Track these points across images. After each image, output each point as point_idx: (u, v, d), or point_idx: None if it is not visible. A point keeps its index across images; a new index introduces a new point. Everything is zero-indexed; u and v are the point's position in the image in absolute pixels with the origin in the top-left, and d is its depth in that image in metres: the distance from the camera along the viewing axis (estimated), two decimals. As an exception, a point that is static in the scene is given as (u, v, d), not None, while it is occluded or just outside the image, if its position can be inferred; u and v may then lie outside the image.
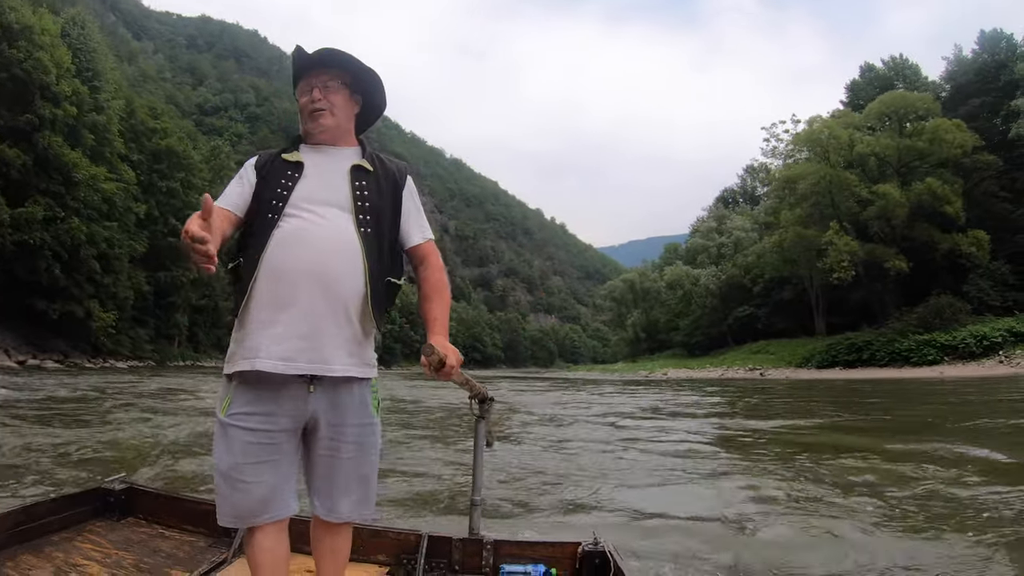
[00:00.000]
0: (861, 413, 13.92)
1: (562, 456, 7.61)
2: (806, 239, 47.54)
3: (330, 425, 1.81)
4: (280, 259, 1.75)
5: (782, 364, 49.69)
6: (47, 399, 13.25)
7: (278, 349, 1.71)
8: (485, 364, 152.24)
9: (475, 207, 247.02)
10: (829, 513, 4.80)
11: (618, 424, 11.62)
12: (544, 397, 21.27)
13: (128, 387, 18.73)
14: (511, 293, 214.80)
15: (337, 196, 1.86)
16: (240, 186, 1.89)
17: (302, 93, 1.96)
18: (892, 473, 6.26)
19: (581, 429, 10.85)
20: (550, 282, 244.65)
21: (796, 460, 7.28)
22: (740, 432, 10.58)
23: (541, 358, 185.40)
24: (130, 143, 50.45)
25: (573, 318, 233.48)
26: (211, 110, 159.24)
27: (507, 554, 2.54)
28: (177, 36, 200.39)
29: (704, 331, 71.75)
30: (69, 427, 8.70)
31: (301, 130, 1.99)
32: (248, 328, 1.76)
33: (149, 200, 49.69)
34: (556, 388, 28.60)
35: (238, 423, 1.73)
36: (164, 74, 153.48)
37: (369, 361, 1.89)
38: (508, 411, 12.55)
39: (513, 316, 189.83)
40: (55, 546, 2.51)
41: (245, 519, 1.74)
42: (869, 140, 47.37)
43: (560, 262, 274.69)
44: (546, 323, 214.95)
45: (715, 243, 70.91)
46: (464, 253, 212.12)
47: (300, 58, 1.96)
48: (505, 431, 9.93)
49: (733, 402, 18.86)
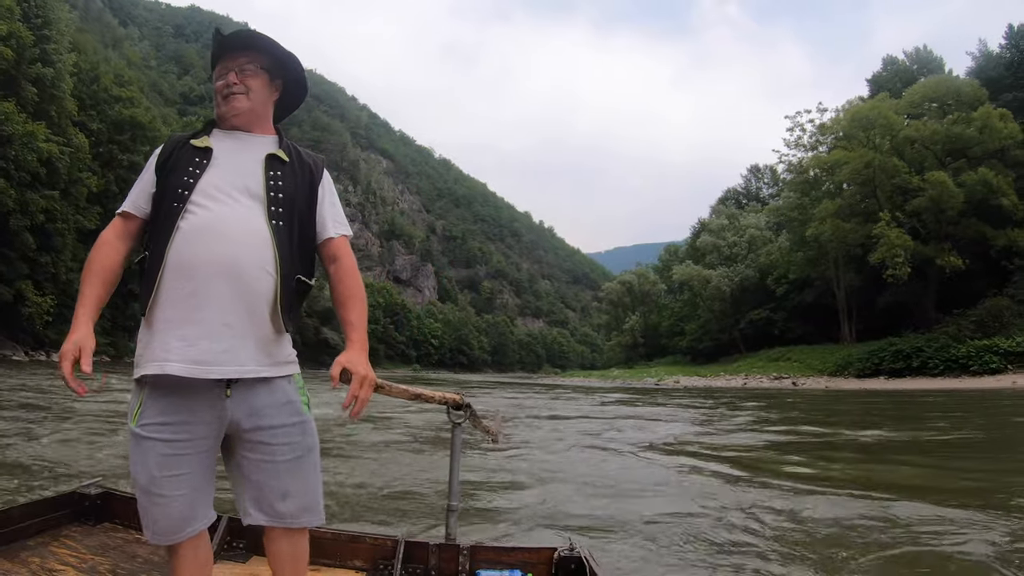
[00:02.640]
0: (967, 429, 12.11)
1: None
2: (843, 233, 42.87)
3: (257, 429, 1.70)
4: (187, 253, 1.63)
5: (811, 372, 45.05)
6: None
7: (190, 351, 1.60)
8: (471, 368, 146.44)
9: (463, 207, 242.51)
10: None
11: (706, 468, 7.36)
12: (553, 408, 17.84)
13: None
14: (499, 296, 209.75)
15: (248, 184, 1.75)
16: (141, 183, 1.79)
17: (218, 76, 1.85)
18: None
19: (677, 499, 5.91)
20: (538, 285, 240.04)
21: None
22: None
23: (529, 362, 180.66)
24: (89, 110, 45.40)
25: (561, 322, 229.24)
26: (196, 99, 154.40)
27: (483, 559, 2.52)
28: (165, 24, 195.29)
29: (713, 336, 66.87)
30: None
31: (215, 114, 1.88)
32: (155, 328, 1.63)
33: (107, 174, 44.21)
34: (559, 398, 24.55)
35: (151, 434, 1.61)
36: (150, 62, 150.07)
37: (287, 358, 1.77)
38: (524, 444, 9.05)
39: (501, 319, 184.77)
40: (31, 551, 2.44)
41: (166, 536, 1.64)
42: (916, 124, 42.86)
43: (548, 266, 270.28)
44: (534, 327, 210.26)
45: (726, 242, 65.92)
46: (451, 254, 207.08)
47: (218, 40, 1.87)
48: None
49: (807, 417, 15.86)
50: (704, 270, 64.91)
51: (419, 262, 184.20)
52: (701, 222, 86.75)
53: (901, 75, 58.42)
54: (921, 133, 42.63)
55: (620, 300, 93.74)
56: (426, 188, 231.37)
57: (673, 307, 77.49)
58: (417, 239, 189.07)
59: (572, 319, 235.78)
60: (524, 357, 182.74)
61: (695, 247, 73.77)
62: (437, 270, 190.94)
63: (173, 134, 1.89)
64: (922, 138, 42.97)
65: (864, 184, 42.80)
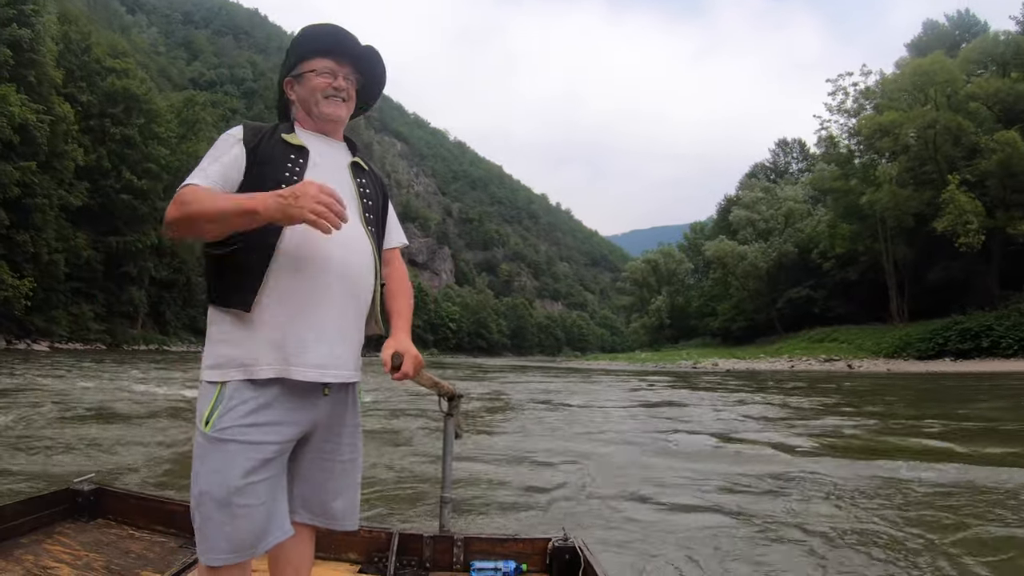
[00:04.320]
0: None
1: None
2: (900, 200, 38.86)
3: (328, 428, 1.69)
4: (305, 250, 1.57)
5: (863, 354, 41.26)
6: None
7: (308, 355, 1.55)
8: (490, 351, 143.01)
9: (479, 190, 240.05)
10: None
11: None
12: (594, 394, 16.67)
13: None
14: (517, 278, 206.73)
15: (343, 190, 1.67)
16: (225, 160, 1.60)
17: (321, 73, 1.73)
18: None
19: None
20: (556, 268, 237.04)
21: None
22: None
23: (548, 346, 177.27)
24: (79, 81, 42.23)
25: (580, 305, 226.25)
26: (205, 84, 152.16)
27: (478, 550, 2.52)
28: (174, 12, 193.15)
29: (748, 317, 62.96)
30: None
31: (297, 112, 1.78)
32: (263, 326, 1.54)
33: (98, 148, 41.11)
34: (597, 383, 22.69)
35: (237, 437, 1.49)
36: (158, 48, 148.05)
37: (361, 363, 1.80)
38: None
39: (520, 302, 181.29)
40: (24, 549, 2.45)
41: (244, 551, 1.51)
42: (979, 81, 38.65)
43: (567, 248, 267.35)
44: (553, 310, 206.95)
45: (761, 216, 61.73)
46: (468, 236, 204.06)
47: (345, 41, 1.75)
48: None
49: (901, 401, 14.84)
50: (738, 246, 60.88)
51: (435, 245, 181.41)
52: (728, 198, 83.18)
53: (943, 38, 54.86)
54: (984, 90, 38.44)
55: (644, 280, 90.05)
56: (441, 170, 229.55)
57: (703, 286, 73.56)
58: (433, 221, 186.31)
59: (591, 301, 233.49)
60: (543, 340, 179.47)
61: (726, 222, 69.86)
62: (454, 252, 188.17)
63: (248, 121, 1.72)
64: (985, 95, 38.80)
65: (923, 147, 38.65)
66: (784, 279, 59.27)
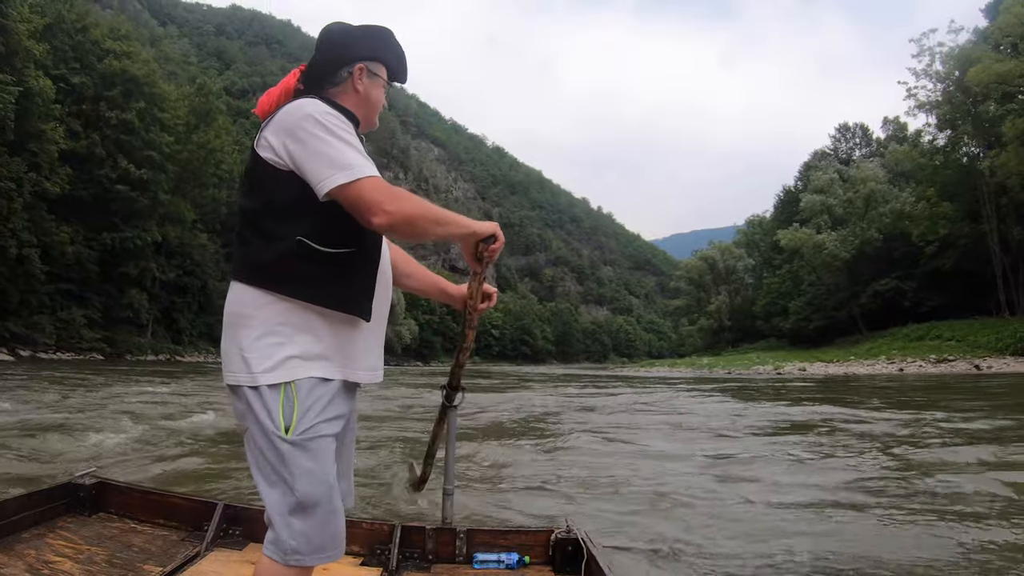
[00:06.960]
0: None
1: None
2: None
3: (349, 419, 1.73)
4: (384, 257, 1.66)
5: (982, 352, 34.29)
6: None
7: (371, 360, 1.63)
8: (535, 359, 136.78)
9: (519, 194, 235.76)
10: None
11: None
12: (692, 411, 12.35)
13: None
14: (560, 283, 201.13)
15: None
16: (360, 149, 1.55)
17: (378, 86, 1.73)
18: None
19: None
20: (600, 272, 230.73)
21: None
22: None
23: (595, 352, 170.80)
24: (72, 62, 37.84)
25: (626, 310, 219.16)
26: (238, 93, 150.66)
27: (480, 543, 2.50)
28: (206, 24, 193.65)
29: (826, 314, 55.82)
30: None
31: (341, 97, 1.70)
32: (360, 331, 1.58)
33: (91, 134, 36.84)
34: (679, 394, 17.94)
35: (321, 433, 1.49)
36: (190, 58, 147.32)
37: None
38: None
39: (564, 307, 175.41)
40: (26, 543, 2.39)
41: (343, 541, 1.53)
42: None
43: (610, 251, 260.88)
44: (598, 315, 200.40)
45: (838, 200, 54.65)
46: (510, 241, 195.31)
47: (402, 64, 1.80)
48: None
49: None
50: (815, 234, 53.94)
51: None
52: (787, 189, 76.64)
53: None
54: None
55: (701, 279, 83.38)
56: (480, 175, 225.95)
57: (769, 282, 66.56)
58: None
59: (636, 306, 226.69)
60: (590, 346, 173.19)
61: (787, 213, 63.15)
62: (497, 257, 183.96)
63: (327, 100, 1.61)
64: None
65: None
66: (866, 270, 52.28)
